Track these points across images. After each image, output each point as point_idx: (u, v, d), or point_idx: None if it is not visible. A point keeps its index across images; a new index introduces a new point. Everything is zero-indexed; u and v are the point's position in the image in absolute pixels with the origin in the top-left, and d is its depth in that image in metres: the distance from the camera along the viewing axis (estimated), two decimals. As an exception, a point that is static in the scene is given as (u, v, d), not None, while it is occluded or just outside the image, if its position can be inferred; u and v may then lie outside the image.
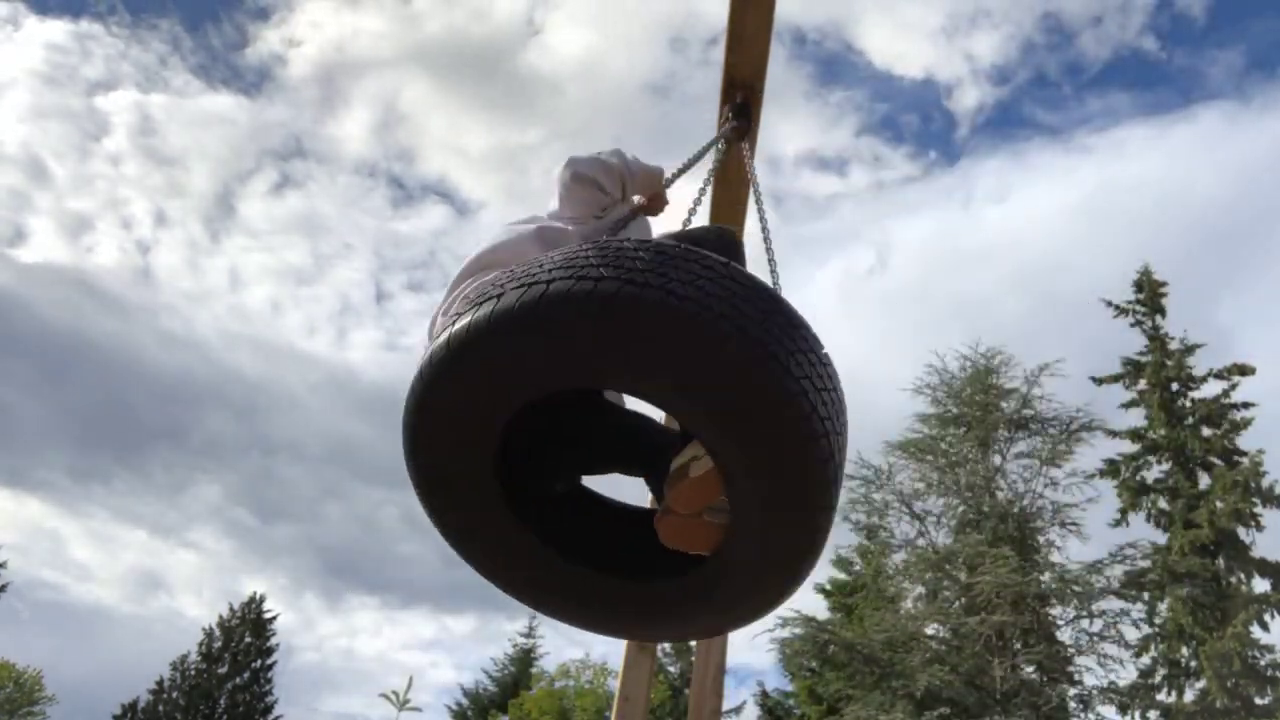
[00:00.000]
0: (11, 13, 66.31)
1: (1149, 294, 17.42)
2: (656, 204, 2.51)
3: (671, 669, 22.58)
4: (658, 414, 2.04)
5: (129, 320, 60.70)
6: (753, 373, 1.35)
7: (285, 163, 66.24)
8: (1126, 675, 13.51)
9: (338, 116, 69.55)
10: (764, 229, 2.58)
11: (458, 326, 1.48)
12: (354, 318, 69.15)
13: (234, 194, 67.22)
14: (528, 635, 25.87)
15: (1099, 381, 16.98)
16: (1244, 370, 16.15)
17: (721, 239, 1.95)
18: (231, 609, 32.52)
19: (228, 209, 66.54)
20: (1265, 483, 14.77)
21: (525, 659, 25.48)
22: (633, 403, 1.91)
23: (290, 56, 67.62)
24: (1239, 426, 15.85)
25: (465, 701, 25.03)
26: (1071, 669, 13.05)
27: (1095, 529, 14.75)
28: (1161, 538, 15.43)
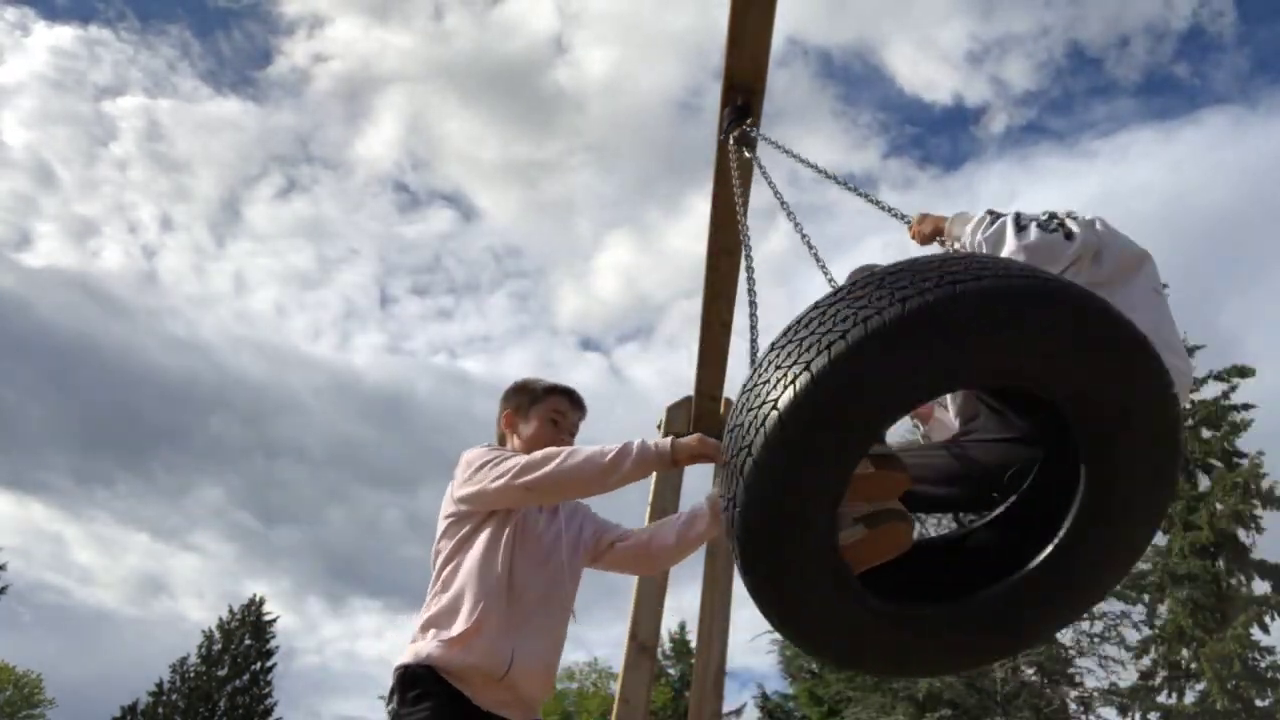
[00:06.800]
0: (20, 18, 66.47)
1: (1149, 296, 17.44)
2: None
3: (672, 671, 22.57)
4: None
5: (134, 324, 60.78)
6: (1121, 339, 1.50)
7: (292, 168, 66.37)
8: (1127, 677, 13.55)
9: (358, 127, 69.78)
10: (792, 221, 2.60)
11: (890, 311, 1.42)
12: (358, 321, 69.21)
13: (240, 199, 67.37)
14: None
15: (1099, 383, 16.98)
16: (1244, 372, 16.16)
17: None
18: (231, 611, 32.53)
19: (233, 214, 66.66)
20: (1265, 484, 14.77)
21: (525, 661, 25.43)
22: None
23: (316, 72, 67.89)
24: (1239, 428, 15.86)
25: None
26: (1072, 671, 13.06)
27: (1095, 531, 14.75)
28: (1162, 540, 15.42)
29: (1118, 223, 2.30)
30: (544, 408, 2.57)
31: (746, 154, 3.08)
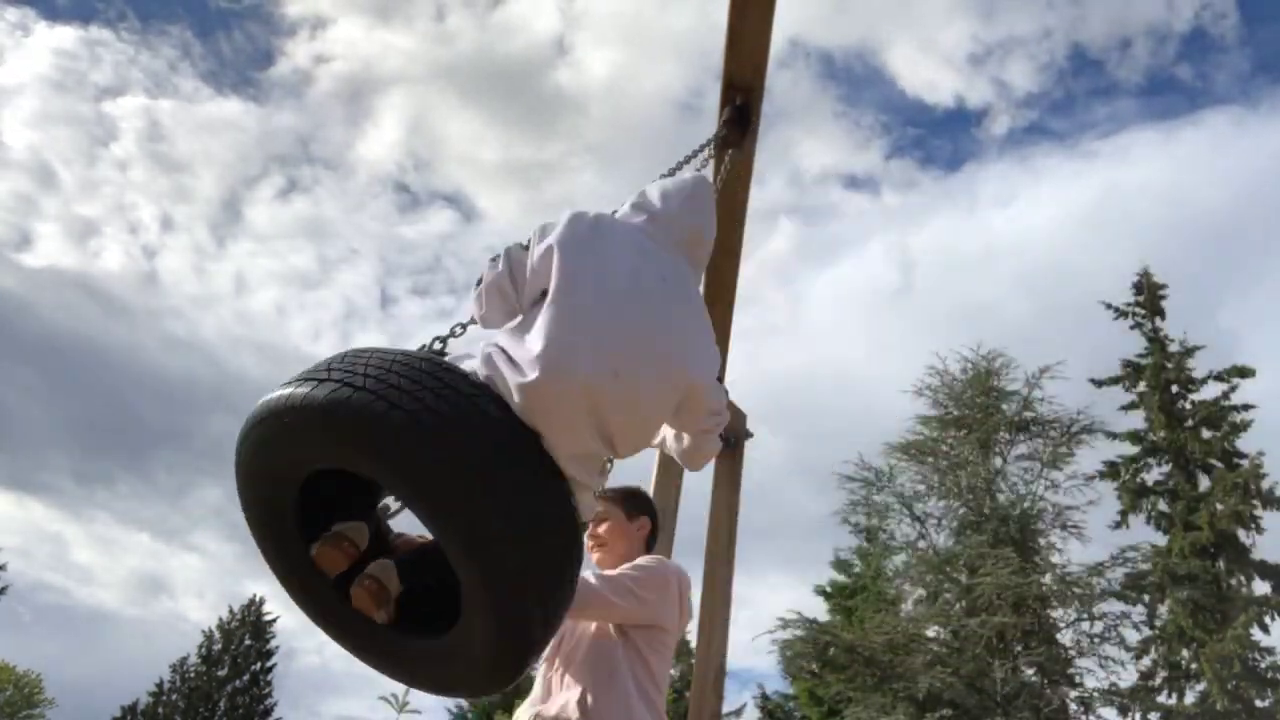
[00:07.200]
0: (21, 18, 66.47)
1: (1148, 296, 17.40)
2: None
3: (672, 671, 22.55)
4: None
5: (134, 324, 60.80)
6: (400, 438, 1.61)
7: (293, 168, 66.37)
8: (1127, 677, 13.51)
9: (360, 128, 69.81)
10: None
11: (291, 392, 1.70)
12: (359, 322, 69.25)
13: (241, 199, 67.38)
14: (528, 638, 25.83)
15: (1099, 384, 16.96)
16: (1244, 372, 16.14)
17: None
18: (231, 611, 32.54)
19: (234, 214, 66.67)
20: (1265, 485, 14.75)
21: (525, 661, 25.42)
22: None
23: (318, 73, 67.93)
24: (1239, 429, 15.84)
25: (465, 704, 25.01)
26: (1072, 671, 13.04)
27: (1096, 531, 14.74)
28: (1162, 540, 15.42)
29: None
30: None
31: (730, 158, 3.08)
